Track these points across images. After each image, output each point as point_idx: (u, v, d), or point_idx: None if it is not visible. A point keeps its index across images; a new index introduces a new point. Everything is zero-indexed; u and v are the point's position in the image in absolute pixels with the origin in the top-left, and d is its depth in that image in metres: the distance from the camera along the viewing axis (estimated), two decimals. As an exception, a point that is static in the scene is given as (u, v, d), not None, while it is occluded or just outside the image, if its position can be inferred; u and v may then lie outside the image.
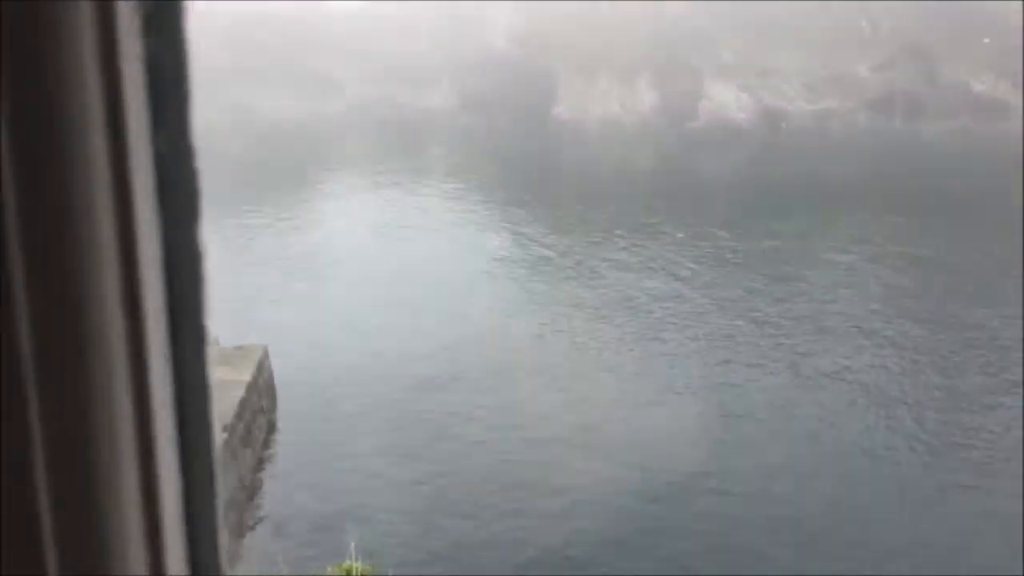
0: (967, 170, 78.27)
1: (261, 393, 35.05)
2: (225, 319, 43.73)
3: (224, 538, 1.05)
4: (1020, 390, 34.31)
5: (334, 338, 41.85)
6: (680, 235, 56.45)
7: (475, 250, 55.98)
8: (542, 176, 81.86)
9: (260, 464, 31.64)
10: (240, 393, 32.35)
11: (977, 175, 75.47)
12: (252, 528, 28.73)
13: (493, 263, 52.81)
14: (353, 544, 21.17)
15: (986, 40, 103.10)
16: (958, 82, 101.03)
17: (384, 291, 48.55)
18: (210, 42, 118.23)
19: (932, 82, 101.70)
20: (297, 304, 47.13)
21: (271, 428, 34.44)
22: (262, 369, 35.90)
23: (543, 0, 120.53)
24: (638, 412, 33.96)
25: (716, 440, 31.84)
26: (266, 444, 33.07)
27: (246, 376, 33.98)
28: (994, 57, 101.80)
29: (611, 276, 49.54)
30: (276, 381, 37.08)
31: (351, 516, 28.08)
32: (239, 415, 31.12)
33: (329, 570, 21.51)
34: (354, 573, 20.69)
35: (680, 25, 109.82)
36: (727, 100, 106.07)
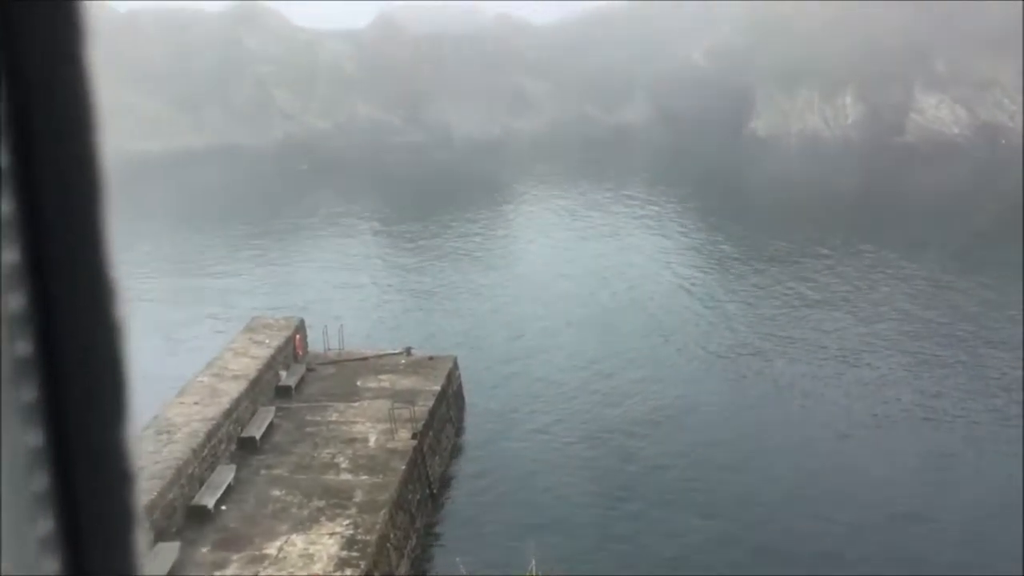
0: None
1: (450, 403, 35.90)
2: (420, 330, 45.24)
3: (142, 539, 1.03)
4: None
5: (526, 348, 42.43)
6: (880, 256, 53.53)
7: (667, 267, 55.33)
8: (734, 191, 79.91)
9: (447, 470, 32.35)
10: (430, 403, 33.26)
11: None
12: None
13: (683, 281, 51.99)
14: (533, 560, 21.25)
15: None
16: None
17: (578, 307, 48.82)
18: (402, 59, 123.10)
19: None
20: (493, 316, 48.11)
21: (459, 434, 35.19)
22: (452, 379, 36.78)
23: (744, 12, 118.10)
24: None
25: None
26: (454, 452, 33.81)
27: (436, 386, 34.89)
28: None
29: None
30: (465, 391, 37.95)
31: (533, 527, 28.31)
32: (428, 424, 31.97)
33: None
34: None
35: (891, 34, 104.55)
36: (940, 114, 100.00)
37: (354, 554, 23.80)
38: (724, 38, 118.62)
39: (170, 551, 22.91)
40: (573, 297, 50.51)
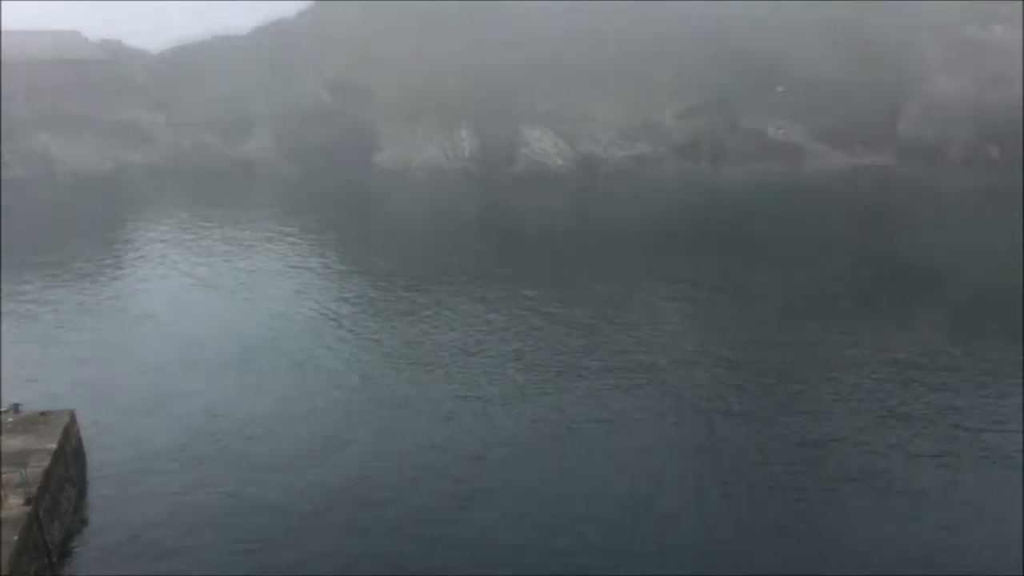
0: (766, 207, 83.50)
1: (69, 462, 32.65)
2: (30, 383, 40.70)
3: None
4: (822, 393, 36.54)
5: (144, 399, 39.70)
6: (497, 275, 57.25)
7: (308, 301, 54.70)
8: (365, 223, 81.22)
9: (69, 536, 29.34)
10: (46, 463, 30.04)
11: (775, 211, 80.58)
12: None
13: (327, 312, 51.73)
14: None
15: (780, 89, 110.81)
16: (756, 129, 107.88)
17: (195, 347, 46.61)
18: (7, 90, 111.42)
19: (733, 128, 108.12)
20: (107, 364, 44.46)
21: (81, 496, 32.10)
22: (70, 436, 33.50)
23: (363, 49, 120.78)
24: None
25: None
26: (76, 510, 30.76)
27: (52, 444, 31.63)
28: (787, 105, 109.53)
29: (452, 321, 49.46)
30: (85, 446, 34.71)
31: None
32: (44, 487, 28.84)
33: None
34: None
35: (496, 74, 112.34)
36: (544, 147, 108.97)
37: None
38: (344, 73, 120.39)
39: None
40: (205, 339, 48.20)
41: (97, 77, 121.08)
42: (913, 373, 40.26)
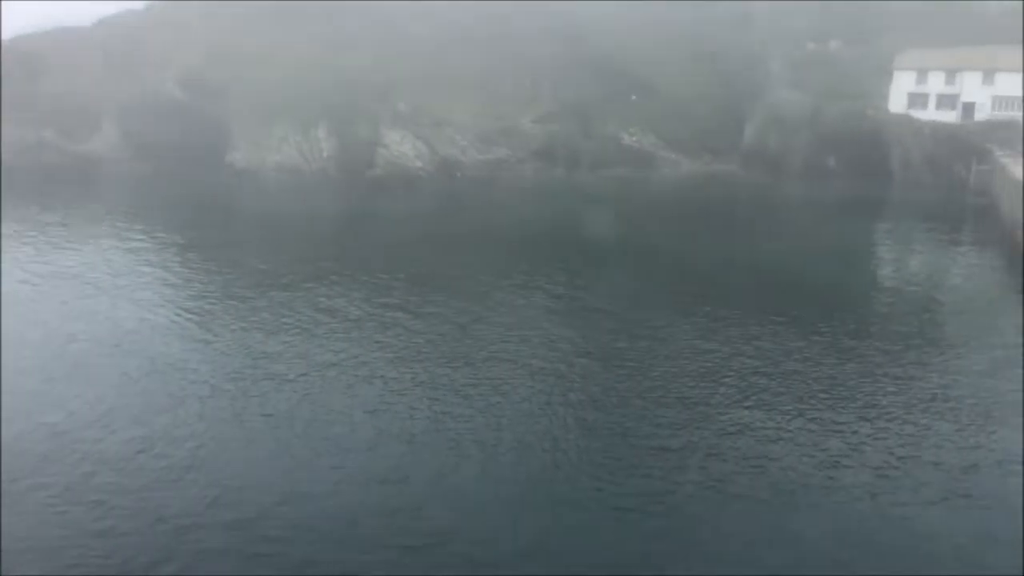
0: (620, 211, 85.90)
1: None
2: None
3: None
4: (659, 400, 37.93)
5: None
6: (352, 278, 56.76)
7: (164, 305, 52.74)
8: (221, 223, 79.02)
9: None
10: None
11: (628, 215, 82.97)
12: None
13: (187, 317, 50.02)
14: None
15: (633, 97, 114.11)
16: (610, 135, 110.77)
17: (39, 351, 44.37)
18: None
19: (588, 136, 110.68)
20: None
21: None
22: None
23: (217, 44, 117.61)
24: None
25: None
26: None
27: None
28: (640, 113, 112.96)
29: (293, 320, 48.61)
30: None
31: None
32: None
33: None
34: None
35: (355, 75, 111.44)
36: (404, 149, 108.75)
37: None
38: (197, 68, 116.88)
39: None
40: (42, 347, 45.85)
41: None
42: (759, 368, 42.11)
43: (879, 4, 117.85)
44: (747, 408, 37.70)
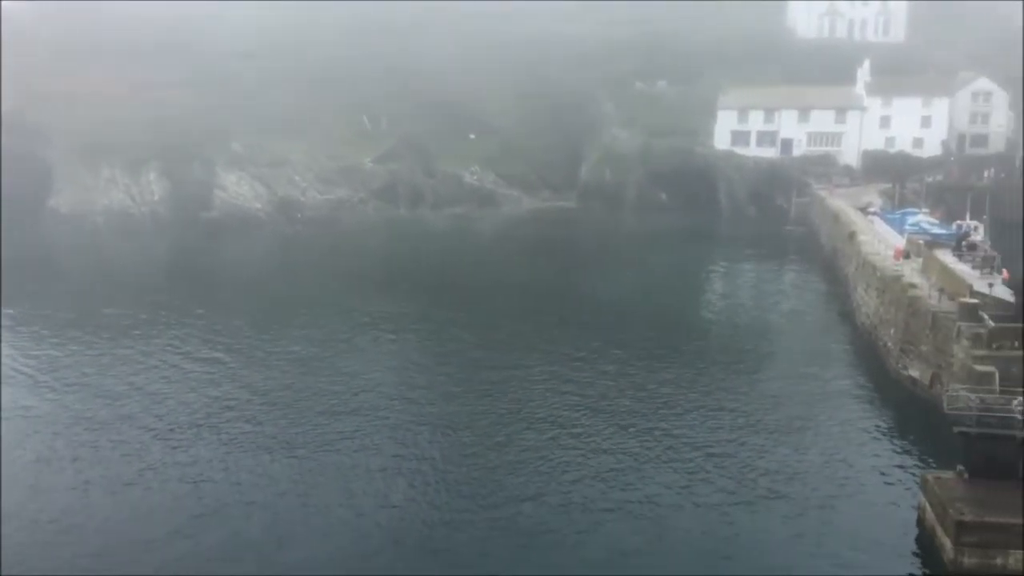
0: (465, 248, 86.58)
1: None
2: None
3: None
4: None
5: None
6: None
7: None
8: (43, 271, 74.48)
9: None
10: None
11: (473, 252, 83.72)
12: None
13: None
14: None
15: (472, 136, 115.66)
16: (451, 173, 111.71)
17: None
18: None
19: (430, 174, 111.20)
20: None
21: None
22: None
23: (36, 83, 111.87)
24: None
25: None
26: None
27: None
28: (479, 152, 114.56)
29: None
30: None
31: None
32: None
33: None
34: None
35: (187, 115, 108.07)
36: (241, 190, 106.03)
37: None
38: (14, 109, 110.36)
39: None
40: None
41: None
42: (597, 391, 43.01)
43: (700, 45, 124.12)
44: (597, 431, 38.45)
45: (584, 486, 33.66)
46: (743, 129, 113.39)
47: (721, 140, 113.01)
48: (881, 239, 65.76)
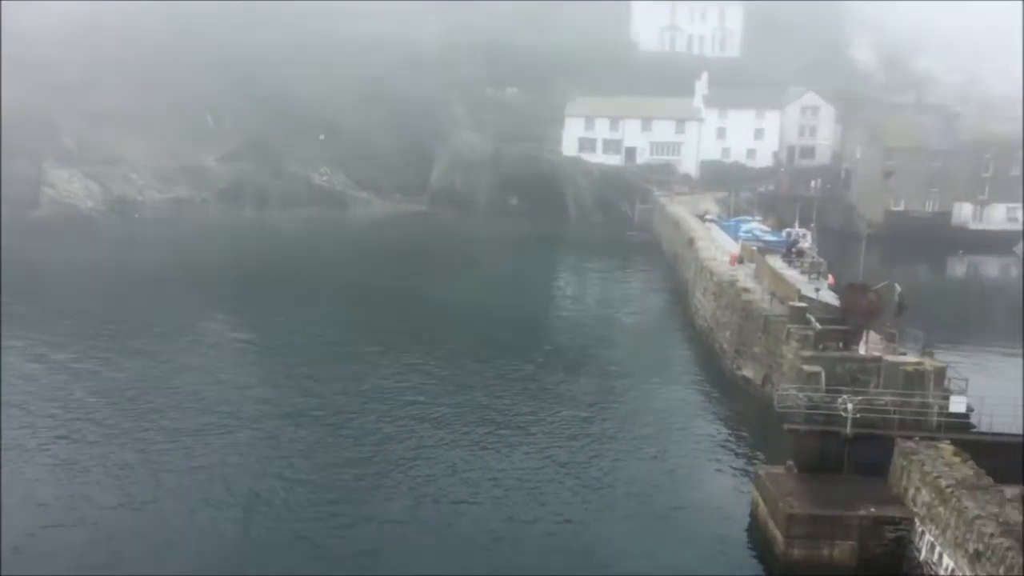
0: (314, 251, 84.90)
1: None
2: None
3: None
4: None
5: None
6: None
7: None
8: None
9: None
10: None
11: (322, 255, 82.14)
12: None
13: None
14: None
15: (321, 137, 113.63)
16: (300, 175, 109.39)
17: None
18: None
19: (277, 175, 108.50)
20: None
21: None
22: None
23: None
24: None
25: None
26: None
27: None
28: (329, 153, 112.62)
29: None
30: None
31: None
32: None
33: None
34: None
35: (13, 109, 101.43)
36: (73, 188, 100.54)
37: None
38: None
39: None
40: None
41: None
42: (444, 397, 43.08)
43: (546, 54, 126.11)
44: (441, 437, 38.53)
45: (430, 492, 33.65)
46: (590, 136, 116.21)
47: (569, 147, 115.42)
48: (718, 245, 68.71)
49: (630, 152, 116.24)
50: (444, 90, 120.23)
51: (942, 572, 25.89)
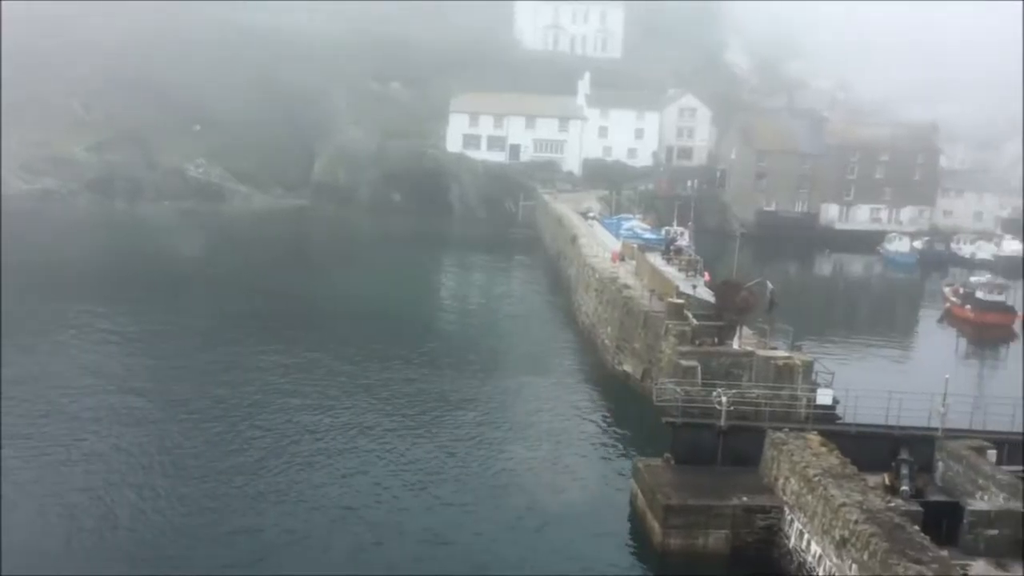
0: (189, 244, 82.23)
1: None
2: None
3: None
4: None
5: None
6: None
7: None
8: None
9: None
10: None
11: (197, 249, 79.65)
12: None
13: None
14: None
15: (197, 127, 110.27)
16: (174, 167, 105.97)
17: None
18: None
19: (151, 166, 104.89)
20: None
21: None
22: None
23: None
24: None
25: None
26: None
27: None
28: (205, 144, 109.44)
29: None
30: None
31: None
32: None
33: None
34: None
35: None
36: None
37: None
38: None
39: None
40: None
41: None
42: (327, 394, 42.47)
43: (430, 50, 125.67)
44: (328, 435, 37.99)
45: (315, 489, 33.13)
46: (474, 133, 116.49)
47: (453, 143, 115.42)
48: (600, 243, 69.91)
49: (514, 149, 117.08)
50: (329, 84, 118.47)
51: (810, 558, 27.00)
